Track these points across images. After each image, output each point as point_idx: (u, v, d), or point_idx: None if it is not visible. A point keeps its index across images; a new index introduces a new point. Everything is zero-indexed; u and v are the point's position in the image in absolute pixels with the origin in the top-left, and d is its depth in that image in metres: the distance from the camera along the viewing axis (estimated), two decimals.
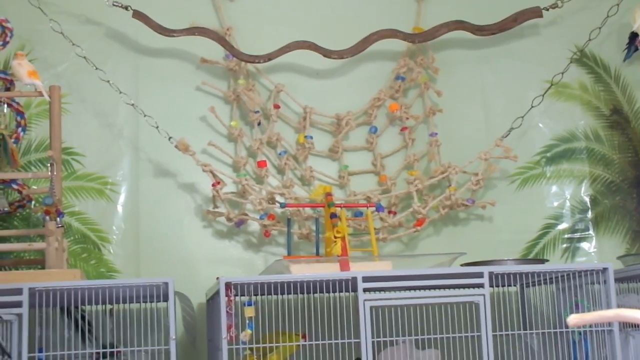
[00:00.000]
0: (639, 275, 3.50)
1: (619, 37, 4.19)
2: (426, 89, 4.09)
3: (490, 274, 3.23)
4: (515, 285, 3.73)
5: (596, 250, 4.10)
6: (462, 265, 3.47)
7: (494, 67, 4.22)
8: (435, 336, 3.33)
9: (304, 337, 3.25)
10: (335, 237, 3.40)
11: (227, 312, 3.06)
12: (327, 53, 3.98)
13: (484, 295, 3.19)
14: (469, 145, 4.05)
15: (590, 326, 3.30)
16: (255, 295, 3.31)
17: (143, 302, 3.34)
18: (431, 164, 4.02)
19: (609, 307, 3.21)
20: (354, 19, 4.15)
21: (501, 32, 4.14)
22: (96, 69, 3.76)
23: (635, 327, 3.36)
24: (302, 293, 3.21)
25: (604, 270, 3.29)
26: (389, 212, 3.89)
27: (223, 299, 3.06)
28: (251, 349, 3.16)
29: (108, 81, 3.76)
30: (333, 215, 3.47)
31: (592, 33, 4.15)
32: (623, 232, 4.13)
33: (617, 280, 3.39)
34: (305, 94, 4.05)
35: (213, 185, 3.77)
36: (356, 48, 4.01)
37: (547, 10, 4.12)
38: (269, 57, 3.93)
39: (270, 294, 3.19)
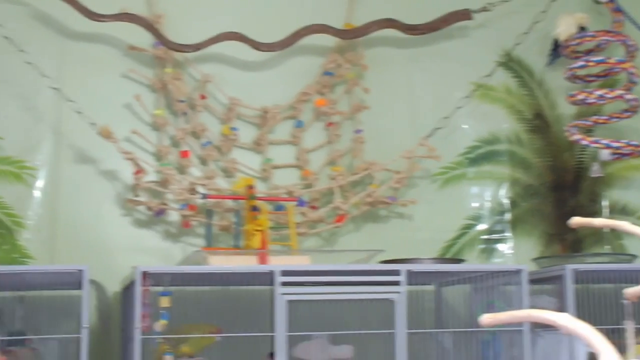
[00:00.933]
0: (551, 277, 3.56)
1: (544, 43, 4.25)
2: (354, 86, 4.10)
3: (408, 271, 3.25)
4: (431, 284, 3.76)
5: (512, 252, 4.15)
6: (380, 262, 3.49)
7: (422, 66, 4.24)
8: (350, 332, 3.34)
9: (218, 331, 3.22)
10: (255, 230, 3.39)
11: (142, 301, 3.03)
12: (256, 45, 3.96)
13: (400, 293, 3.21)
14: (393, 143, 4.07)
15: (502, 326, 3.34)
16: (172, 285, 3.28)
17: (57, 289, 3.29)
18: (355, 161, 4.03)
19: (522, 307, 3.26)
20: (285, 13, 4.14)
21: (431, 33, 4.17)
22: (20, 50, 3.69)
23: (544, 327, 3.41)
24: (219, 285, 3.19)
25: (519, 271, 3.35)
26: (311, 206, 3.89)
27: (138, 288, 3.03)
28: (164, 340, 3.13)
29: (31, 63, 3.69)
30: (254, 208, 3.46)
31: (519, 38, 4.21)
32: (538, 235, 4.19)
33: (530, 281, 3.45)
34: (232, 86, 4.02)
35: (135, 173, 3.73)
36: (286, 42, 4.00)
37: (477, 13, 4.16)
38: (197, 47, 3.90)
39: (187, 285, 3.17)
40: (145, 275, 3.05)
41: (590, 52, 4.13)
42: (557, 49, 4.18)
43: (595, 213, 4.20)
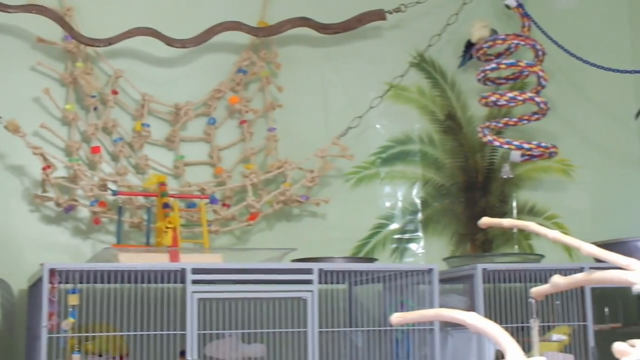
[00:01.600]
0: (462, 277, 3.61)
1: (456, 45, 4.31)
2: (267, 84, 4.09)
3: (320, 270, 3.25)
4: (344, 283, 3.77)
5: (424, 252, 4.19)
6: (292, 261, 3.49)
7: (336, 66, 4.26)
8: (262, 331, 3.34)
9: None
10: (166, 228, 3.35)
11: (49, 299, 2.97)
12: (169, 41, 3.92)
13: (312, 291, 3.21)
14: (306, 142, 4.07)
15: (414, 325, 3.38)
16: (81, 283, 3.22)
17: None
18: (268, 159, 4.02)
19: (432, 306, 3.29)
20: (199, 9, 4.11)
21: (345, 32, 4.19)
22: None
23: (454, 326, 3.46)
24: (130, 282, 3.15)
25: (430, 271, 3.38)
26: (223, 204, 3.86)
27: (46, 286, 2.98)
28: (73, 338, 3.08)
29: None
30: (166, 205, 3.42)
31: (432, 39, 4.26)
32: (449, 235, 4.25)
33: (441, 281, 3.49)
34: (144, 82, 3.97)
35: (43, 168, 3.65)
36: (200, 38, 3.97)
37: (391, 13, 4.20)
38: (109, 42, 3.84)
39: (97, 282, 3.12)
40: (53, 272, 3.00)
41: (500, 55, 4.21)
42: (468, 51, 4.25)
43: (505, 213, 4.27)
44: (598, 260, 1.94)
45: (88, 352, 3.16)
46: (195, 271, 3.11)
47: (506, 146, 4.07)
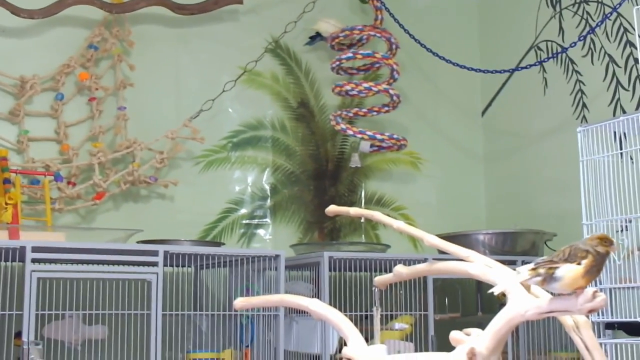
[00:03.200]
0: (308, 264, 3.63)
1: (312, 33, 4.33)
2: (119, 62, 3.99)
3: (166, 253, 3.21)
4: (190, 266, 3.74)
5: (271, 238, 4.20)
6: (138, 242, 3.43)
7: (190, 47, 4.21)
8: (104, 312, 3.26)
9: None
10: (6, 204, 3.24)
11: None
12: (15, 10, 3.77)
13: (157, 274, 3.16)
14: (157, 122, 4.01)
15: (259, 310, 3.38)
16: None
17: None
18: (117, 138, 3.93)
19: (278, 292, 3.30)
20: None
21: (201, 14, 4.14)
22: None
23: (299, 313, 3.48)
24: None
25: (277, 257, 3.39)
26: (68, 182, 3.75)
27: None
28: None
29: None
30: (6, 181, 3.30)
31: (288, 26, 4.27)
32: (298, 222, 4.27)
33: (288, 267, 3.51)
34: None
35: None
36: (49, 10, 3.84)
37: None
38: None
39: None
40: None
41: (352, 46, 4.26)
42: (315, 39, 4.30)
43: (354, 203, 4.34)
44: (441, 252, 1.98)
45: None
46: (35, 249, 3.01)
47: (359, 136, 4.12)
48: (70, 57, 3.92)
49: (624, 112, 3.76)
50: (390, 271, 2.15)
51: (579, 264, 1.63)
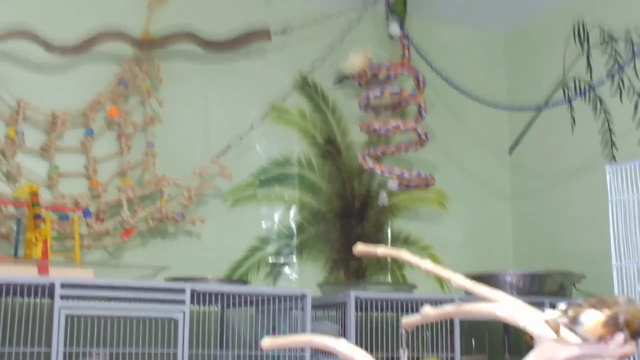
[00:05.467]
0: (334, 304, 3.61)
1: (339, 70, 4.34)
2: (148, 98, 4.02)
3: (193, 291, 3.21)
4: (216, 305, 3.73)
5: (297, 276, 4.19)
6: (165, 279, 3.43)
7: (219, 83, 4.23)
8: (131, 350, 3.26)
9: None
10: (36, 239, 3.26)
11: None
12: (49, 47, 3.82)
13: (184, 312, 3.16)
14: (185, 159, 4.02)
15: (285, 350, 3.37)
16: None
17: None
18: (145, 174, 3.95)
19: (304, 332, 3.28)
20: (82, 16, 4.01)
21: (230, 50, 4.16)
22: None
23: (325, 353, 3.46)
24: None
25: (303, 296, 3.38)
26: (97, 218, 3.77)
27: None
28: None
29: None
30: (37, 217, 3.32)
31: (316, 63, 4.29)
32: (324, 260, 4.26)
33: (314, 307, 3.49)
34: (21, 87, 3.85)
35: None
36: (81, 46, 3.88)
37: (277, 35, 4.20)
38: None
39: None
40: None
41: (380, 83, 4.26)
42: (343, 77, 4.31)
43: (380, 242, 4.32)
44: (468, 292, 1.98)
45: None
46: (64, 286, 3.02)
47: (387, 174, 4.11)
48: (100, 93, 3.95)
49: None
50: (417, 311, 2.14)
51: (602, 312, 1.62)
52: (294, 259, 4.21)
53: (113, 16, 4.04)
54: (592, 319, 1.61)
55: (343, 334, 3.45)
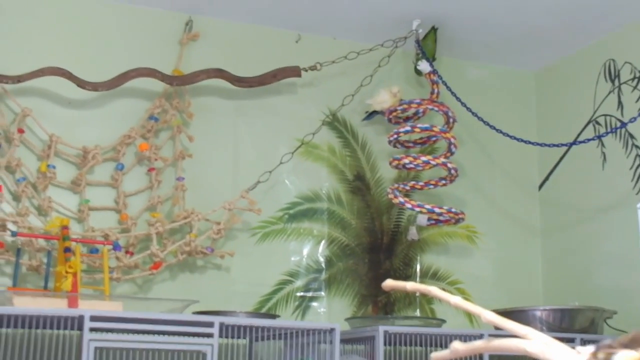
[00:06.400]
0: (363, 338, 3.60)
1: (369, 107, 4.35)
2: (178, 133, 4.06)
3: (221, 324, 3.21)
4: (245, 338, 3.73)
5: (325, 311, 4.18)
6: (194, 313, 3.44)
7: (248, 119, 4.26)
8: None
9: None
10: (66, 272, 3.28)
11: None
12: (81, 83, 3.86)
13: (212, 345, 3.16)
14: (215, 193, 4.05)
15: None
16: None
17: None
18: (175, 208, 3.97)
19: None
20: (114, 52, 4.08)
21: (260, 86, 4.19)
22: None
23: None
24: (24, 328, 3.05)
25: (332, 330, 3.37)
26: (126, 252, 3.79)
27: None
28: None
29: None
30: (67, 250, 3.34)
31: (345, 99, 4.30)
32: (352, 295, 4.25)
33: (342, 341, 3.48)
34: (53, 122, 3.90)
35: None
36: (112, 82, 3.93)
37: (306, 71, 4.23)
38: (18, 79, 3.77)
39: None
40: None
41: (409, 119, 4.28)
42: (372, 114, 4.32)
43: (409, 277, 4.31)
44: (497, 328, 1.96)
45: None
46: (94, 318, 3.03)
47: (417, 209, 4.11)
48: (131, 128, 3.99)
49: None
50: (446, 347, 2.12)
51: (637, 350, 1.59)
52: (323, 293, 4.21)
53: (145, 54, 4.09)
54: (626, 358, 1.59)
55: None
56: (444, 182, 4.23)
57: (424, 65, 4.28)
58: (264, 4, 4.16)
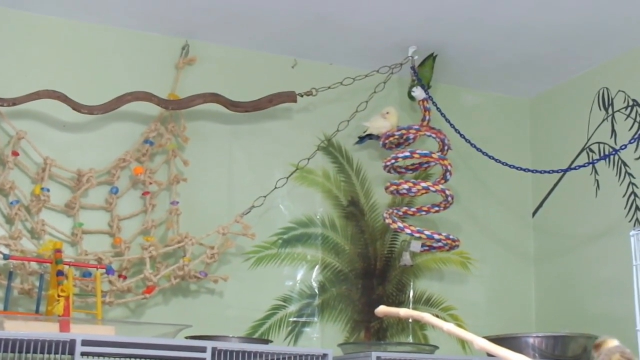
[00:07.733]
0: None
1: (363, 130, 4.36)
2: (174, 157, 4.06)
3: (214, 349, 3.20)
4: None
5: (318, 336, 4.17)
6: (186, 337, 3.43)
7: (244, 144, 4.26)
8: None
9: None
10: (58, 296, 3.26)
11: None
12: (77, 106, 3.87)
13: None
14: (209, 217, 4.04)
15: None
16: None
17: None
18: (169, 232, 3.97)
19: None
20: (110, 76, 4.08)
21: (255, 111, 4.20)
22: None
23: None
24: (14, 352, 3.03)
25: (324, 356, 3.36)
26: (119, 275, 3.78)
27: None
28: None
29: None
30: (59, 273, 3.33)
31: (340, 125, 4.31)
32: (345, 321, 4.24)
33: None
34: (48, 145, 3.90)
35: None
36: (108, 106, 3.93)
37: (302, 96, 4.24)
38: (14, 102, 3.77)
39: None
40: None
41: (399, 145, 4.28)
42: (365, 137, 4.32)
43: (402, 302, 4.30)
44: (490, 355, 1.96)
45: None
46: (85, 343, 3.02)
47: (417, 234, 4.10)
48: (126, 151, 3.99)
49: None
50: None
51: None
52: (316, 318, 4.20)
53: (141, 78, 4.10)
54: None
55: None
56: (436, 208, 4.23)
57: (418, 92, 4.29)
58: (260, 29, 4.18)
